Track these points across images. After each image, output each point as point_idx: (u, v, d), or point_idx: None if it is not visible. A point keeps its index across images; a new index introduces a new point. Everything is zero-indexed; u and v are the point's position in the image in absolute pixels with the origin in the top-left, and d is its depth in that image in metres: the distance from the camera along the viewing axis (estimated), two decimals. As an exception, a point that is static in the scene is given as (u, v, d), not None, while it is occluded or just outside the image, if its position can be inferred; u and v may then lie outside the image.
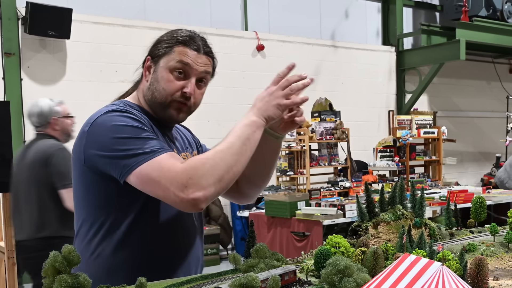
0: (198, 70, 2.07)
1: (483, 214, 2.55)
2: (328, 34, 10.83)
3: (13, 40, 7.53)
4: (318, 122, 7.91)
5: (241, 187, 2.26)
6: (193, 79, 2.06)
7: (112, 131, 1.93)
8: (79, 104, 8.03)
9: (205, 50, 2.09)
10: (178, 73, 2.05)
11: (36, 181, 4.19)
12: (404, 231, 1.97)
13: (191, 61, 2.05)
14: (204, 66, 2.09)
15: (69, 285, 1.53)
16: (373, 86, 11.29)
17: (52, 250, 1.50)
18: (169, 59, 2.05)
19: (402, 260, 1.31)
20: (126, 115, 1.98)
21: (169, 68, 2.05)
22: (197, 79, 2.08)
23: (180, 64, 2.04)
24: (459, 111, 12.72)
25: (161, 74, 2.06)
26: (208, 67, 2.10)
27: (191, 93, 2.05)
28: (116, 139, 1.92)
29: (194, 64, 2.05)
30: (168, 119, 2.11)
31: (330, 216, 6.42)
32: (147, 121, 2.04)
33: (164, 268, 2.09)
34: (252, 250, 1.83)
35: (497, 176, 9.84)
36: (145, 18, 8.64)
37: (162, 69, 2.06)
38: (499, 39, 11.43)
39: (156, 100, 2.07)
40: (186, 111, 2.10)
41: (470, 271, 1.57)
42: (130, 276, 1.70)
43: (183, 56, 2.04)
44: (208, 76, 2.12)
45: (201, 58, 2.07)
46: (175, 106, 2.07)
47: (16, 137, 7.23)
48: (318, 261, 1.74)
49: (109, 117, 1.98)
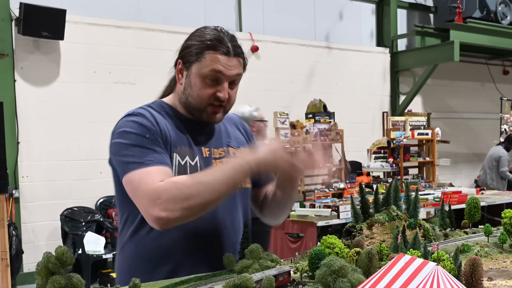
0: (230, 75, 2.09)
1: (477, 215, 2.55)
2: (322, 36, 10.84)
3: (7, 41, 7.51)
4: (312, 124, 7.92)
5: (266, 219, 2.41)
6: (226, 84, 2.09)
7: (120, 136, 2.07)
8: (73, 106, 8.04)
9: (235, 52, 2.11)
10: (211, 79, 2.08)
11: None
12: (399, 231, 1.97)
13: (222, 68, 2.07)
14: (236, 69, 2.11)
15: (62, 286, 1.53)
16: (367, 87, 11.30)
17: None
18: (201, 66, 2.08)
19: (396, 260, 1.31)
20: (137, 121, 2.06)
21: (202, 76, 2.08)
22: (229, 82, 2.11)
23: (212, 73, 2.07)
24: (453, 112, 12.76)
25: (194, 80, 2.10)
26: (239, 69, 2.13)
27: (225, 98, 2.09)
28: (120, 144, 2.05)
29: (226, 70, 2.07)
30: (205, 121, 2.17)
31: (324, 217, 6.43)
32: (165, 126, 2.10)
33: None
34: (247, 251, 1.82)
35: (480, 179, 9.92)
36: (139, 19, 8.62)
37: (195, 76, 2.10)
38: (493, 40, 11.47)
39: (191, 105, 2.14)
40: (222, 112, 2.16)
41: (464, 272, 1.57)
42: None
43: (215, 63, 2.06)
44: (240, 76, 2.16)
45: (232, 61, 2.09)
46: (211, 110, 2.12)
47: (9, 138, 7.22)
48: (313, 262, 1.74)
49: (123, 122, 2.10)
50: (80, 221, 7.66)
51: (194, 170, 2.09)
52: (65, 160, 7.93)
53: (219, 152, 2.22)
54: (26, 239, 7.65)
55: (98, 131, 8.13)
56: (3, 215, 3.91)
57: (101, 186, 7.92)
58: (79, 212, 7.79)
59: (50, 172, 7.83)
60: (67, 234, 7.63)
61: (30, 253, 7.57)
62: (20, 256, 7.42)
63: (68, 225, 7.60)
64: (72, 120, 7.99)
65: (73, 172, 7.98)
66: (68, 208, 7.77)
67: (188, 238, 2.09)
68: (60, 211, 7.69)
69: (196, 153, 2.15)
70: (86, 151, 8.06)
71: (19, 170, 7.61)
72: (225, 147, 2.26)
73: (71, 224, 7.62)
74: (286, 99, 9.74)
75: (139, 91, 8.47)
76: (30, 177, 7.70)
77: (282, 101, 9.61)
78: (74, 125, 7.99)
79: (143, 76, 8.50)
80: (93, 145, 8.10)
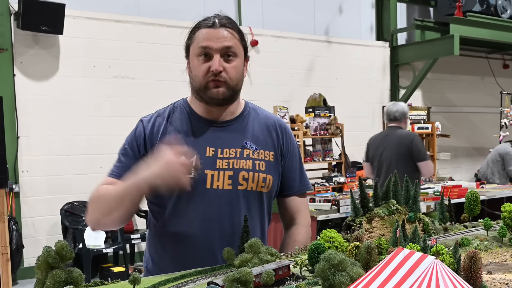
0: (219, 47, 2.11)
1: (477, 209, 2.55)
2: (322, 30, 10.82)
3: (6, 35, 7.50)
4: (312, 118, 7.91)
5: None
6: (216, 56, 2.12)
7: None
8: (73, 100, 8.03)
9: (221, 23, 2.14)
10: (203, 56, 2.13)
11: (400, 155, 6.25)
12: (398, 225, 1.96)
13: (208, 42, 2.11)
14: (224, 39, 2.12)
15: (62, 280, 1.53)
16: (367, 81, 11.29)
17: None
18: (193, 47, 2.17)
19: (395, 254, 1.31)
20: (133, 130, 2.26)
21: (195, 55, 2.15)
22: (223, 55, 2.13)
23: (201, 49, 2.12)
24: (453, 106, 12.75)
25: (192, 63, 2.19)
26: (228, 40, 2.13)
27: (217, 69, 2.11)
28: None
29: (212, 43, 2.11)
30: (211, 100, 2.18)
31: (324, 211, 6.42)
32: (164, 130, 2.21)
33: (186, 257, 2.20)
34: (246, 245, 1.82)
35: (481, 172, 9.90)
36: (138, 14, 8.60)
37: (192, 59, 2.19)
38: (493, 34, 11.45)
39: (195, 87, 2.19)
40: (224, 86, 2.16)
41: (463, 265, 1.57)
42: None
43: (201, 39, 2.13)
44: (233, 49, 2.15)
45: (218, 32, 2.12)
46: (212, 85, 2.15)
47: (9, 133, 7.21)
48: (312, 256, 1.73)
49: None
50: (80, 215, 7.67)
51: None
52: (65, 154, 7.93)
53: (229, 152, 2.21)
54: (26, 234, 7.66)
55: (98, 126, 8.14)
56: (3, 209, 3.91)
57: (101, 180, 7.91)
58: (79, 207, 7.79)
59: (50, 167, 7.83)
60: (68, 229, 7.64)
61: (30, 248, 7.59)
62: (21, 250, 7.44)
63: (68, 219, 7.60)
64: (71, 114, 7.98)
65: (73, 167, 7.99)
66: (68, 202, 7.78)
67: (180, 239, 2.20)
68: (60, 205, 7.70)
69: (196, 152, 2.14)
70: (86, 145, 8.06)
71: (19, 164, 7.61)
72: (238, 148, 2.23)
73: (71, 219, 7.63)
74: (285, 93, 9.74)
75: (138, 85, 8.47)
76: (30, 172, 7.70)
77: (281, 95, 9.61)
78: (74, 119, 7.99)
79: (142, 71, 8.49)
80: (93, 139, 8.10)
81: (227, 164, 2.18)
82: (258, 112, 2.37)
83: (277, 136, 2.36)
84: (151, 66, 8.55)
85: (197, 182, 2.14)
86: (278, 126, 2.37)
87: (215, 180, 2.16)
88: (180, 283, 1.73)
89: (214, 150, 2.19)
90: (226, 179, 2.17)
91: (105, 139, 8.10)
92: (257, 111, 2.38)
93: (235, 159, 2.20)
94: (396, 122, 6.55)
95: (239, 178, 2.19)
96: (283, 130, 2.38)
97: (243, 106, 2.34)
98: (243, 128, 2.28)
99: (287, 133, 2.40)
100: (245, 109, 2.34)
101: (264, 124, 2.34)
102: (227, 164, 2.19)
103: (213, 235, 2.15)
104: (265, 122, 2.35)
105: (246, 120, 2.30)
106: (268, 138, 2.33)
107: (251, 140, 2.27)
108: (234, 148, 2.22)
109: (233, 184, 2.18)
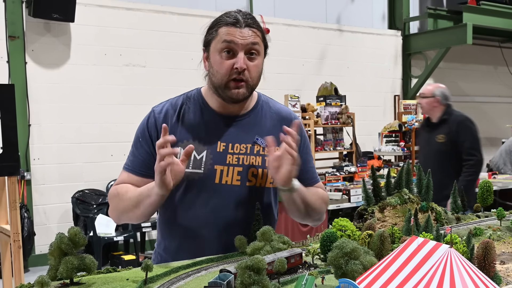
0: (244, 44, 2.11)
1: (490, 199, 2.54)
2: (333, 18, 10.76)
3: (17, 23, 7.51)
4: (323, 107, 7.89)
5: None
6: (241, 54, 2.11)
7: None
8: (84, 88, 8.05)
9: (246, 23, 2.13)
10: (227, 52, 2.11)
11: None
12: (411, 214, 1.96)
13: (233, 38, 2.10)
14: (249, 38, 2.11)
15: (75, 266, 1.53)
16: (379, 70, 11.23)
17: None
18: (216, 42, 2.14)
19: (409, 242, 1.30)
20: (144, 120, 2.28)
21: (218, 51, 2.13)
22: (246, 52, 2.12)
23: (225, 44, 2.11)
24: (465, 96, 12.65)
25: (213, 59, 2.16)
26: (253, 38, 2.13)
27: (242, 67, 2.10)
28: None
29: (238, 39, 2.10)
30: (231, 99, 2.16)
31: (335, 201, 6.43)
32: (175, 122, 2.21)
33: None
34: (258, 233, 1.82)
35: (492, 161, 9.82)
36: (149, 2, 8.58)
37: (213, 54, 2.16)
38: (507, 23, 11.34)
39: (215, 84, 2.17)
40: (245, 87, 2.15)
41: (477, 255, 1.56)
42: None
43: (226, 35, 2.11)
44: (257, 47, 2.15)
45: (244, 31, 2.11)
46: (233, 86, 2.13)
47: (21, 121, 7.25)
48: (324, 244, 1.73)
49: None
50: (92, 203, 7.71)
51: (197, 164, 2.14)
52: (76, 142, 7.96)
53: (240, 147, 2.21)
54: (37, 221, 7.71)
55: (109, 114, 8.15)
56: (15, 197, 3.92)
57: (112, 168, 7.95)
58: (90, 195, 7.83)
59: (61, 155, 7.87)
60: (79, 217, 7.69)
61: (41, 235, 7.64)
62: (32, 238, 7.50)
63: (79, 207, 7.65)
64: (83, 102, 8.00)
65: (84, 155, 8.02)
66: (80, 190, 7.82)
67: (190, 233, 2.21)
68: (71, 193, 7.74)
69: (206, 147, 2.16)
70: (97, 133, 8.08)
71: (31, 152, 7.65)
72: (249, 144, 2.23)
73: (83, 207, 7.67)
74: (297, 82, 9.71)
75: (149, 73, 8.47)
76: (42, 160, 7.74)
77: (293, 84, 9.58)
78: (85, 107, 8.01)
79: (153, 59, 8.49)
80: (104, 127, 8.12)
81: (237, 159, 2.19)
82: (271, 106, 2.36)
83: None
84: (162, 54, 8.55)
85: (206, 177, 2.15)
86: (289, 120, 2.36)
87: (224, 176, 2.17)
88: (192, 271, 1.74)
89: (225, 145, 2.20)
90: (235, 175, 2.18)
91: (116, 127, 8.12)
92: (269, 104, 2.37)
93: (245, 155, 2.20)
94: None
95: (248, 175, 2.19)
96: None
97: (255, 99, 2.33)
98: (255, 123, 2.28)
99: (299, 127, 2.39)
100: (258, 103, 2.33)
101: (276, 118, 2.34)
102: (237, 159, 2.19)
103: (218, 229, 2.15)
104: (277, 117, 2.34)
105: (259, 115, 2.30)
106: (280, 133, 2.32)
107: (263, 136, 2.26)
108: (245, 144, 2.22)
109: (241, 180, 2.18)
